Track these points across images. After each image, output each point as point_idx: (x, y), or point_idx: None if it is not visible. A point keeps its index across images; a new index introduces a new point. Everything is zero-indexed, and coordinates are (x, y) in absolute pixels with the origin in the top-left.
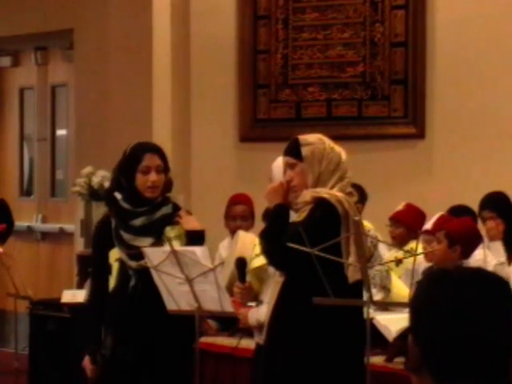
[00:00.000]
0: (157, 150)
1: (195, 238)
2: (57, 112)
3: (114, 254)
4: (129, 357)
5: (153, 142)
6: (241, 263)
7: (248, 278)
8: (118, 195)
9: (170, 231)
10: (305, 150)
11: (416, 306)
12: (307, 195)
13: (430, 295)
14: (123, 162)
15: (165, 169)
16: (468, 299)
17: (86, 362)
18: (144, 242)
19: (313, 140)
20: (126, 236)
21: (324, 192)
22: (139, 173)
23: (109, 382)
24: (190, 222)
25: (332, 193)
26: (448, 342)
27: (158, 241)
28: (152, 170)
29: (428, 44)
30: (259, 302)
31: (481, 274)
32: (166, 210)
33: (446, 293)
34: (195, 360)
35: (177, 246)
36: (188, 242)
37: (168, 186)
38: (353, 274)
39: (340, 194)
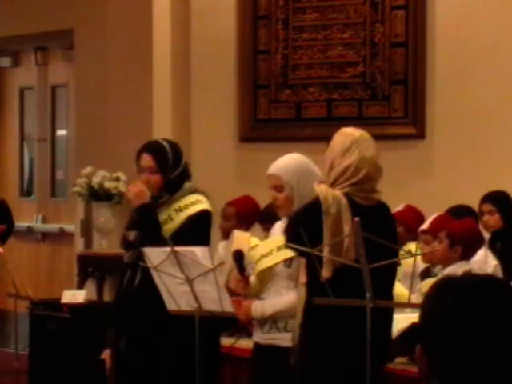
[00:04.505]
0: (152, 150)
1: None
2: (57, 112)
3: None
4: (123, 347)
5: (158, 139)
6: (238, 255)
7: (252, 277)
8: None
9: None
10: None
11: (425, 316)
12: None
13: (439, 305)
14: None
15: (160, 170)
16: (478, 309)
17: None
18: (130, 235)
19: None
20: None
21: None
22: (138, 172)
23: (119, 375)
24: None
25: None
26: (457, 353)
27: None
28: (145, 170)
29: (428, 44)
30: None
31: (490, 281)
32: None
33: (455, 303)
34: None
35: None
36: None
37: (167, 187)
38: (324, 272)
39: (337, 192)
